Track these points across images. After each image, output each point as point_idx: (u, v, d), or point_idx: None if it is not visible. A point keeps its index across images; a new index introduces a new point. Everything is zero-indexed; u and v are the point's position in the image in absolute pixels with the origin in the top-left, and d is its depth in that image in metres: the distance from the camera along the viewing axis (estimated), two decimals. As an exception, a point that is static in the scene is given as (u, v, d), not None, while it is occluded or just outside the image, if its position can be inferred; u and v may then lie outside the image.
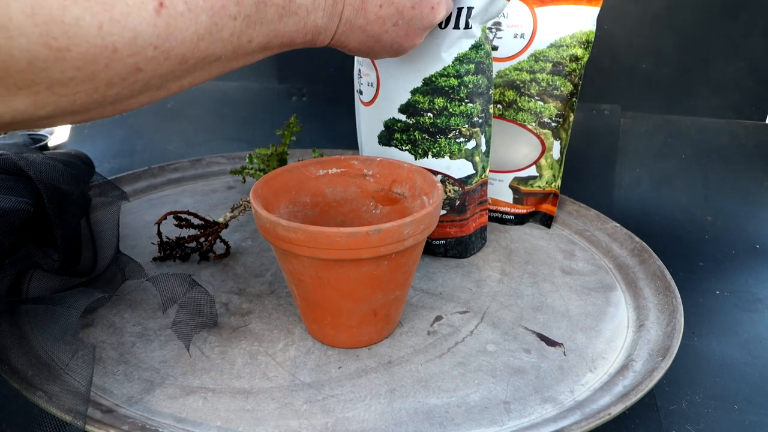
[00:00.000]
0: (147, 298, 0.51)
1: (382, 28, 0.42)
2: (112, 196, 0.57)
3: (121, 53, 0.27)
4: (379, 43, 0.43)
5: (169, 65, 0.30)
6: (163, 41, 0.29)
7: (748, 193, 0.79)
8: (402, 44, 0.45)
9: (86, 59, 0.27)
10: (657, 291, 0.53)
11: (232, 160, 0.81)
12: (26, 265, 0.47)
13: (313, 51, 0.97)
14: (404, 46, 0.45)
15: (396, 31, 0.43)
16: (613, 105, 0.87)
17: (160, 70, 0.30)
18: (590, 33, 0.60)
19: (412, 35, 0.45)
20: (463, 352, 0.46)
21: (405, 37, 0.44)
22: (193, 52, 0.31)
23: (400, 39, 0.44)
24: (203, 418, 0.39)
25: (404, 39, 0.44)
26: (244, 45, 0.34)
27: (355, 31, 0.41)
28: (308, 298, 0.44)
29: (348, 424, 0.39)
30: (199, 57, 0.31)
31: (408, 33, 0.44)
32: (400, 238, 0.39)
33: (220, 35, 0.32)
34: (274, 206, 0.46)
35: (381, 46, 0.44)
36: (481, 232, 0.61)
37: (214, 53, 0.32)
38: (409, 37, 0.44)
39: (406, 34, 0.44)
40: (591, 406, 0.40)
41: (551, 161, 0.64)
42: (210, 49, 0.32)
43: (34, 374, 0.40)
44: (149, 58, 0.29)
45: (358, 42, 0.42)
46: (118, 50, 0.27)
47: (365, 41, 0.42)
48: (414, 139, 0.55)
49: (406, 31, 0.44)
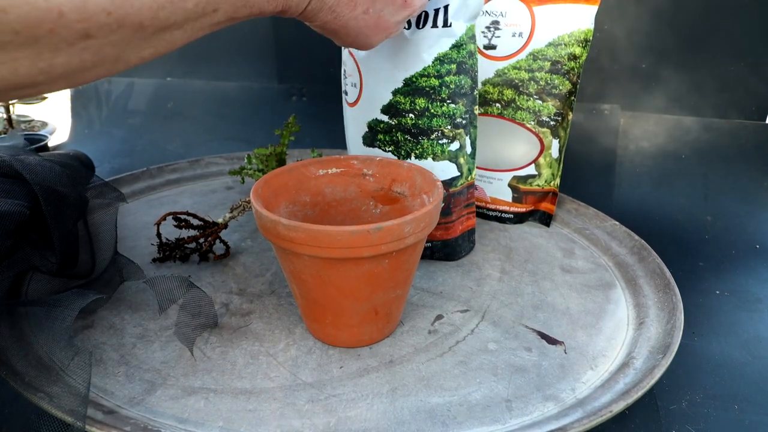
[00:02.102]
0: (147, 300, 0.51)
1: (352, 12, 0.41)
2: (110, 197, 0.57)
3: (68, 18, 0.25)
4: (346, 28, 0.42)
5: (124, 33, 0.28)
6: (118, 7, 0.27)
7: (748, 193, 0.79)
8: (368, 36, 0.44)
9: (27, 22, 0.24)
10: (657, 288, 0.53)
11: (231, 161, 0.81)
12: (23, 267, 0.47)
13: (313, 51, 0.97)
14: (371, 39, 0.44)
15: (365, 20, 0.42)
16: (613, 105, 0.87)
17: (113, 38, 0.28)
18: (588, 32, 0.60)
19: (381, 27, 0.43)
20: (465, 350, 0.46)
21: (374, 28, 0.43)
22: (152, 20, 0.28)
23: (368, 30, 0.43)
24: (205, 418, 0.39)
25: (373, 30, 0.43)
26: (209, 14, 0.32)
27: (324, 10, 0.39)
28: (309, 298, 0.44)
29: (350, 423, 0.39)
30: (158, 26, 0.29)
31: (378, 24, 0.43)
32: (401, 237, 0.39)
33: (183, 4, 0.29)
34: (274, 206, 0.46)
35: (346, 32, 0.42)
36: (469, 236, 0.60)
37: (175, 23, 0.30)
38: (378, 28, 0.43)
39: (376, 25, 0.43)
40: (592, 403, 0.40)
41: (550, 160, 0.64)
42: (171, 19, 0.29)
43: (35, 376, 0.40)
44: (101, 25, 0.27)
45: (324, 22, 0.41)
46: (64, 14, 0.25)
47: (332, 22, 0.41)
48: (396, 140, 0.55)
49: (376, 22, 0.43)
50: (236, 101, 1.03)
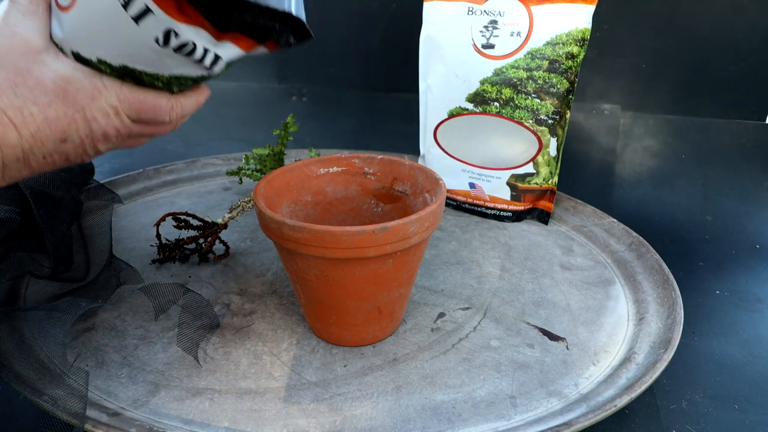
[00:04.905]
0: (147, 301, 0.51)
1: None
2: (105, 199, 0.57)
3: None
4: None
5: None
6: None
7: (748, 193, 0.79)
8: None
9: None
10: (656, 284, 0.53)
11: (228, 162, 0.81)
12: (17, 272, 0.47)
13: (313, 51, 0.97)
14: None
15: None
16: (613, 105, 0.87)
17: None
18: (586, 31, 0.60)
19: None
20: (468, 348, 0.46)
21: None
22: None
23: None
24: (210, 419, 0.39)
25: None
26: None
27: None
28: (313, 297, 0.44)
29: (356, 421, 0.39)
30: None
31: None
32: (405, 236, 0.39)
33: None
34: (276, 206, 0.46)
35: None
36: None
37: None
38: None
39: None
40: (596, 398, 0.40)
41: (548, 158, 0.65)
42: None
43: (37, 379, 0.40)
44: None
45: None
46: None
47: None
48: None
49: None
50: (236, 101, 1.02)
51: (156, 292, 0.46)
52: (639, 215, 0.77)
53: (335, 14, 0.95)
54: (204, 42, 0.32)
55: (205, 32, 0.31)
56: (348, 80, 0.89)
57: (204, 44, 0.32)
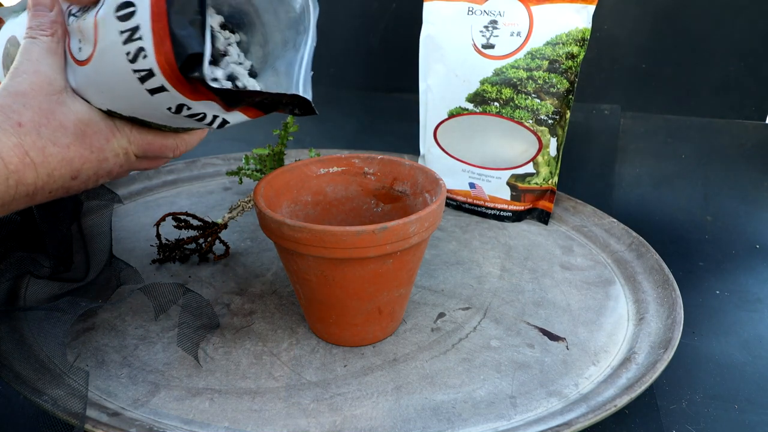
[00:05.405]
0: (147, 301, 0.51)
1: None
2: (105, 199, 0.57)
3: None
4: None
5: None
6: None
7: (748, 193, 0.79)
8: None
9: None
10: (656, 284, 0.53)
11: (228, 161, 0.81)
12: (17, 272, 0.47)
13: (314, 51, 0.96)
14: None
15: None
16: (613, 105, 0.87)
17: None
18: (586, 31, 0.60)
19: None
20: (468, 348, 0.46)
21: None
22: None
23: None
24: (210, 419, 0.39)
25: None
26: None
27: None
28: (313, 297, 0.44)
29: (356, 421, 0.39)
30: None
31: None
32: (405, 236, 0.39)
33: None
34: (276, 206, 0.46)
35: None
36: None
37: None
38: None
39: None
40: (596, 398, 0.40)
41: (548, 158, 0.65)
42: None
43: (37, 379, 0.40)
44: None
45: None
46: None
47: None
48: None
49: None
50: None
51: (156, 292, 0.46)
52: (639, 215, 0.77)
53: (335, 14, 0.95)
54: (214, 111, 0.34)
55: (217, 104, 0.33)
56: (348, 80, 0.89)
57: (214, 113, 0.34)
